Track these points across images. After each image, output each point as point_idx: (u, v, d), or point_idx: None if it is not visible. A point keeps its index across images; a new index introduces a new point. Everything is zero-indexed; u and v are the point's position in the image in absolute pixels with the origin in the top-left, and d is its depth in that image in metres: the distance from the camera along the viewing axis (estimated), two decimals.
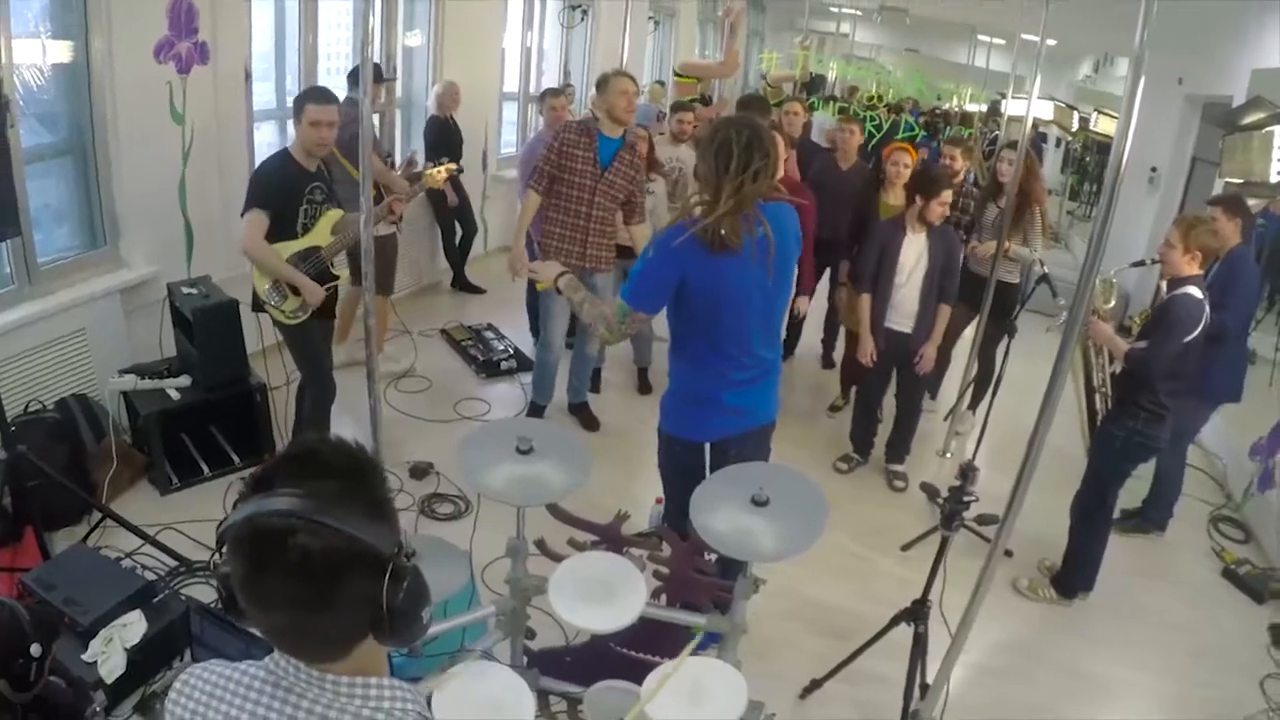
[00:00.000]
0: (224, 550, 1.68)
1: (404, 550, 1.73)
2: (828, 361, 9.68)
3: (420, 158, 8.88)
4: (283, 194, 5.67)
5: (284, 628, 1.70)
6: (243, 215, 5.62)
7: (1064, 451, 5.88)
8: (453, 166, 6.84)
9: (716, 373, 4.20)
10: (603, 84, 6.90)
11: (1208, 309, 5.48)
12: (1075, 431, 6.30)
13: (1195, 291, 5.43)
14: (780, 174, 4.59)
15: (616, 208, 6.98)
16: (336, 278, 5.99)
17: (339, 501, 1.64)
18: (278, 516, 1.59)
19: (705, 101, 10.91)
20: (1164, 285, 5.70)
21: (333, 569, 1.60)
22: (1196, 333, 5.42)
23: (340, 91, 7.04)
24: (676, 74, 9.33)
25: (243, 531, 1.61)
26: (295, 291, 5.77)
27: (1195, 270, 5.51)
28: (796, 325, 9.31)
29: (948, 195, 6.80)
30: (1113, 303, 6.19)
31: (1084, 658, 5.65)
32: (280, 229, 5.70)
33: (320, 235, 5.85)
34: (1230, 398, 6.83)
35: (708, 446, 4.30)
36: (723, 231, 3.82)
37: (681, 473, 4.36)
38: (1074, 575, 6.08)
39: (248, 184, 5.71)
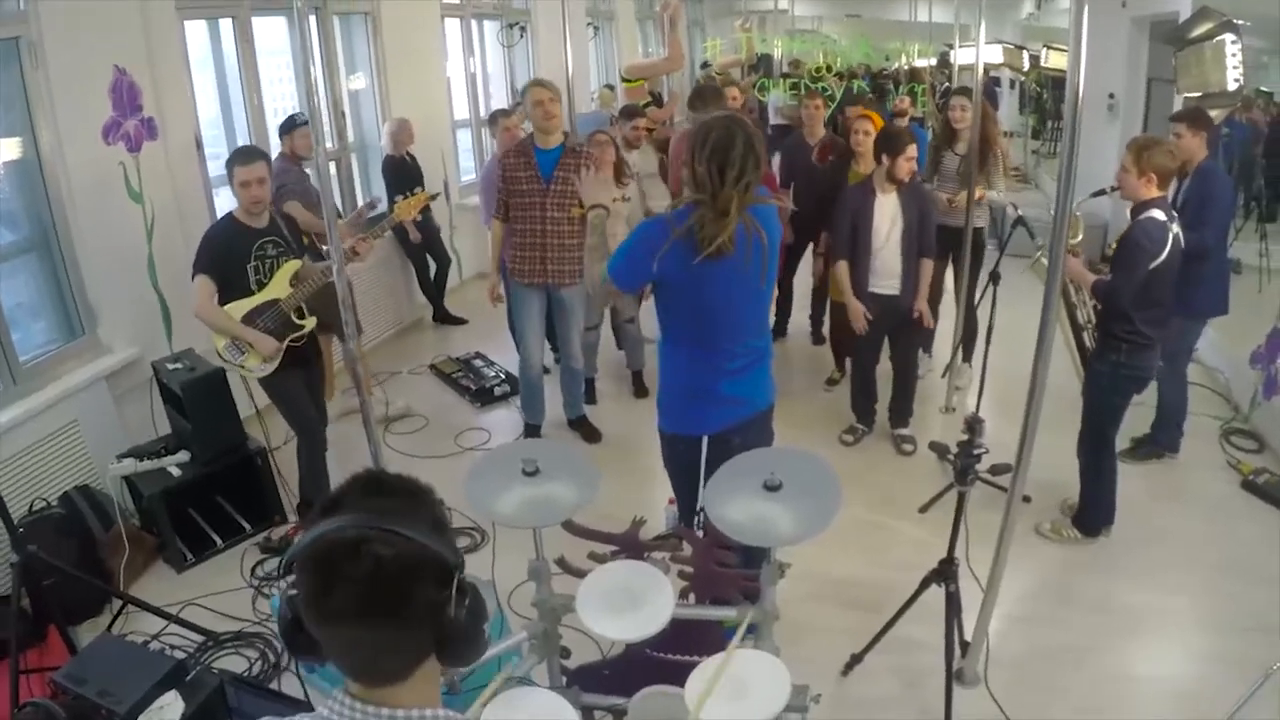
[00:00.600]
0: (290, 573, 1.71)
1: (464, 566, 1.77)
2: (818, 338, 9.67)
3: (381, 203, 8.88)
4: (225, 256, 5.75)
5: (354, 643, 1.71)
6: (192, 280, 5.71)
7: (1063, 390, 5.86)
8: (425, 196, 6.81)
9: (711, 366, 4.24)
10: (524, 97, 6.96)
11: (1175, 231, 5.42)
12: (1069, 370, 6.30)
13: (1157, 214, 5.39)
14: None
15: (571, 216, 6.98)
16: (301, 327, 6.01)
17: (406, 515, 1.70)
18: (350, 528, 1.63)
19: (658, 102, 10.90)
20: (1129, 213, 5.66)
21: (405, 576, 1.64)
22: (1163, 258, 5.36)
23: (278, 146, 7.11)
24: (624, 79, 9.31)
25: (314, 548, 1.65)
26: (255, 348, 5.82)
27: (1155, 193, 5.46)
28: (785, 306, 9.33)
29: (912, 150, 6.81)
30: (1079, 236, 6.20)
31: (1116, 591, 5.66)
32: (232, 288, 5.79)
33: (278, 287, 5.89)
34: (1218, 311, 6.83)
35: (705, 439, 4.32)
36: (720, 239, 3.85)
37: (687, 469, 4.39)
38: (1093, 513, 6.09)
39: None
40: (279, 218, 6.04)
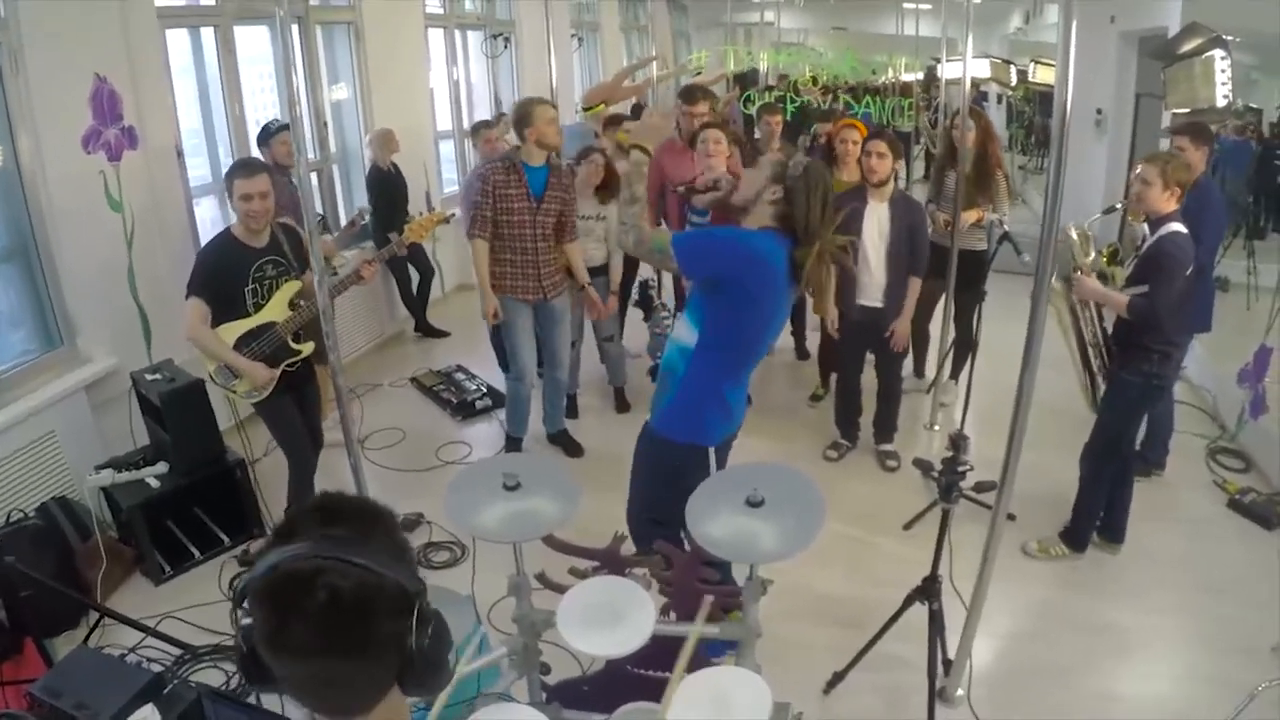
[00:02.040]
0: (244, 604, 1.68)
1: (426, 593, 1.73)
2: (801, 353, 9.71)
3: (369, 214, 8.86)
4: (220, 277, 5.65)
5: (313, 678, 1.68)
6: (186, 299, 5.65)
7: (1061, 410, 5.91)
8: (439, 217, 6.75)
9: (739, 382, 4.48)
10: (526, 115, 6.85)
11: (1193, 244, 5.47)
12: (1069, 389, 6.30)
13: (1180, 227, 5.42)
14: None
15: (552, 232, 7.06)
16: (298, 352, 5.97)
17: (363, 543, 1.66)
18: (304, 559, 1.60)
19: (637, 115, 10.89)
20: (1144, 227, 5.68)
21: (363, 607, 1.61)
22: (1191, 269, 5.44)
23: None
24: (586, 109, 9.29)
25: (268, 579, 1.61)
26: (247, 378, 5.79)
27: (1174, 206, 5.50)
28: None
29: (880, 145, 6.79)
30: (1092, 255, 6.09)
31: (1101, 610, 5.69)
32: (228, 310, 5.70)
33: (276, 310, 5.83)
34: (1201, 328, 6.88)
35: (712, 452, 4.40)
36: (814, 280, 4.12)
37: (689, 482, 4.43)
38: (1084, 525, 6.11)
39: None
40: (281, 233, 5.90)
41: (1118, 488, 6.08)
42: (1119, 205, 6.12)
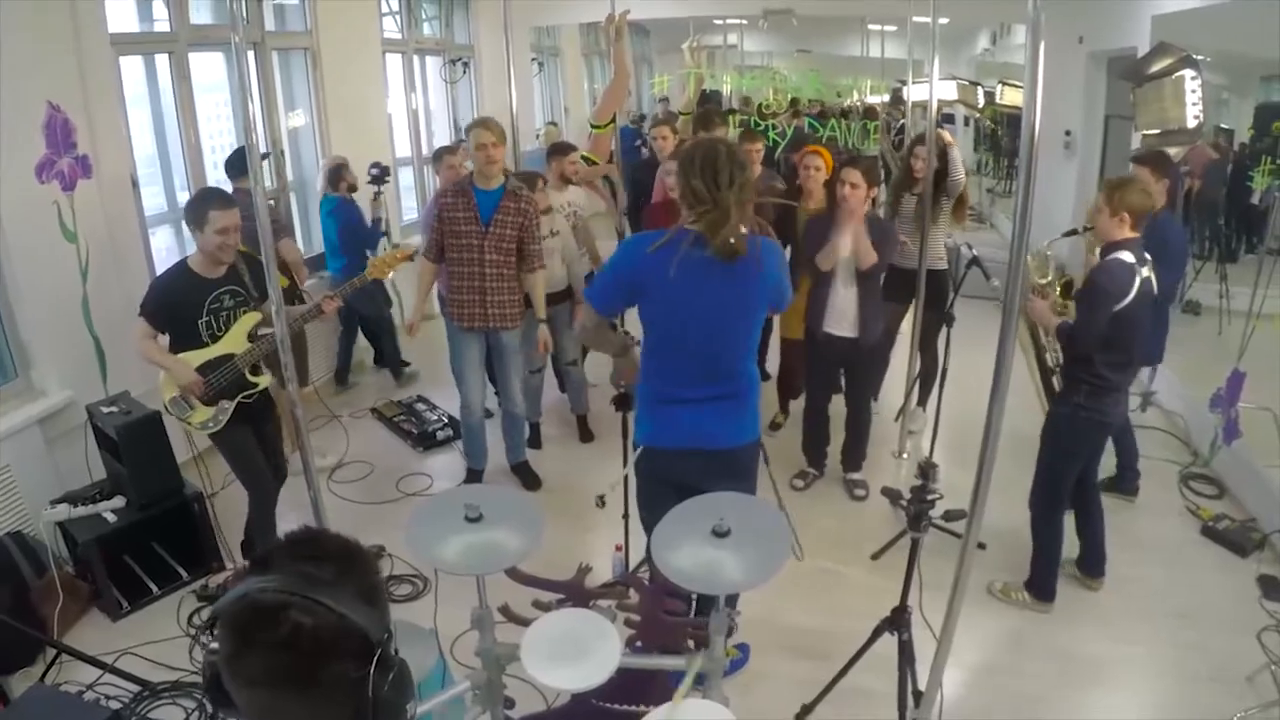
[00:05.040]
0: (214, 628, 1.73)
1: (393, 641, 1.77)
2: (762, 374, 9.61)
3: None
4: (173, 306, 5.69)
5: (266, 708, 1.71)
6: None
7: (1032, 437, 5.91)
8: (404, 254, 6.75)
9: (666, 384, 4.53)
10: (466, 136, 6.93)
11: (1145, 274, 5.37)
12: (1035, 414, 6.34)
13: (1125, 256, 5.33)
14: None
15: (511, 259, 7.04)
16: (255, 385, 5.99)
17: (334, 583, 1.70)
18: (273, 592, 1.64)
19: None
20: (1098, 253, 5.62)
21: (321, 648, 1.64)
22: (1127, 301, 5.30)
23: (224, 185, 7.13)
24: (595, 126, 9.25)
25: (237, 607, 1.66)
26: (205, 403, 5.81)
27: (1127, 234, 5.40)
28: None
29: (854, 175, 6.64)
30: (1049, 277, 6.15)
31: (1073, 640, 5.74)
32: (183, 340, 5.75)
33: (234, 342, 5.84)
34: (1152, 360, 7.04)
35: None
36: (726, 234, 4.07)
37: (640, 482, 4.55)
38: (1044, 576, 6.06)
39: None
40: (241, 263, 5.89)
41: (1085, 522, 6.11)
42: (1080, 229, 6.12)
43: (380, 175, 9.57)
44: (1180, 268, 6.84)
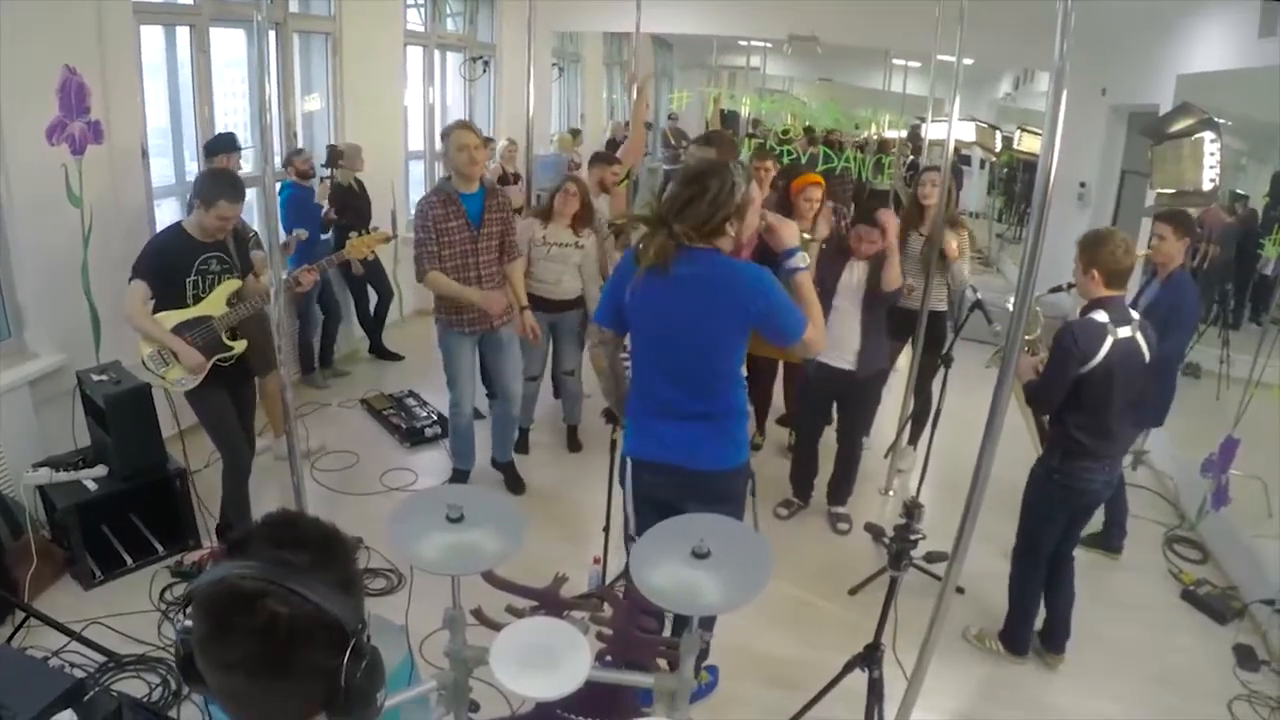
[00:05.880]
0: (189, 609, 1.73)
1: (367, 630, 1.78)
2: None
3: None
4: (166, 266, 5.79)
5: (238, 692, 1.71)
6: (129, 282, 5.76)
7: (1012, 481, 5.87)
8: (381, 236, 6.86)
9: (645, 399, 4.58)
10: (445, 138, 6.91)
11: (1123, 335, 5.13)
12: (1028, 466, 6.30)
13: (1098, 316, 5.15)
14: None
15: (498, 256, 7.07)
16: (230, 348, 6.06)
17: (311, 571, 1.70)
18: (250, 579, 1.64)
19: (613, 148, 10.98)
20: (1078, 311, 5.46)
21: (297, 638, 1.65)
22: (1094, 363, 5.10)
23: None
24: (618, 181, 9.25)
25: (213, 591, 1.66)
26: (179, 359, 5.87)
27: (1104, 292, 5.21)
28: None
29: (872, 233, 6.70)
30: (1037, 332, 5.99)
31: (1046, 691, 5.73)
32: (168, 298, 5.84)
33: (214, 305, 5.96)
34: (1153, 423, 7.00)
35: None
36: (648, 248, 4.12)
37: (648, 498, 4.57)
38: (1018, 630, 5.96)
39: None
40: (232, 236, 6.06)
41: (1052, 592, 5.93)
42: (1064, 286, 6.03)
43: (331, 158, 9.70)
44: (1191, 330, 6.77)
